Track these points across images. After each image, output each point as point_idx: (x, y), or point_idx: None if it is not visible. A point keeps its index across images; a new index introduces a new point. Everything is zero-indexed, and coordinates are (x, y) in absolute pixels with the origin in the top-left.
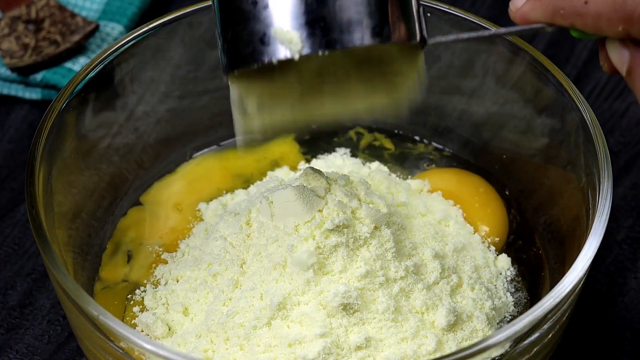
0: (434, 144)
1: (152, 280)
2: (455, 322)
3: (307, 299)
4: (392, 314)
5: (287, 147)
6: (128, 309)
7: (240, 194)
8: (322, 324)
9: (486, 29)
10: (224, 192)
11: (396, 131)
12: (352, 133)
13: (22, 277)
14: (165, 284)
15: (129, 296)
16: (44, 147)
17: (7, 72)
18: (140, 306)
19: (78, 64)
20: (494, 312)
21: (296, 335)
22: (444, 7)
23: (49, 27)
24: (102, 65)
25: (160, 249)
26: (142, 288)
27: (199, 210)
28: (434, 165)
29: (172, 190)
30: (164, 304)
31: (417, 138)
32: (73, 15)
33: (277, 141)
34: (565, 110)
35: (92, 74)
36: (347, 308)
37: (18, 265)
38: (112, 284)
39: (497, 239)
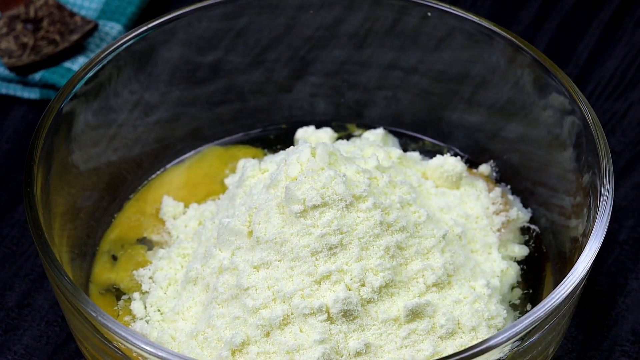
0: (434, 143)
1: (139, 282)
2: (454, 330)
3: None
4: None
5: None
6: (122, 315)
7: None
8: (321, 330)
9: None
10: (215, 195)
11: (396, 130)
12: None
13: (21, 277)
14: (165, 290)
15: (119, 302)
16: (42, 147)
17: (5, 72)
18: (131, 315)
19: (77, 64)
20: (497, 321)
21: (295, 342)
22: (445, 7)
23: (48, 27)
24: (100, 65)
25: (150, 252)
26: (127, 294)
27: (187, 211)
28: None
29: (161, 192)
30: (155, 311)
31: (417, 137)
32: (72, 14)
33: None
34: (566, 110)
35: (90, 74)
36: (347, 314)
37: (16, 266)
38: (102, 287)
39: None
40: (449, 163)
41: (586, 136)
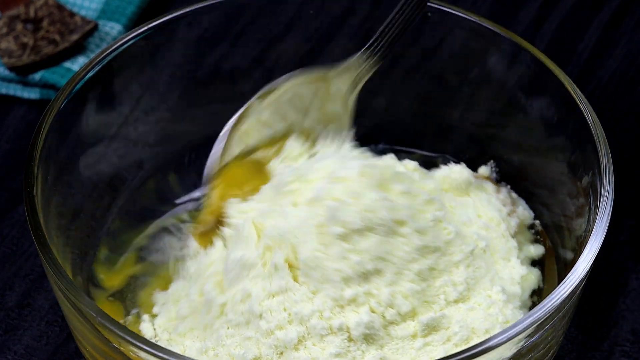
0: (433, 145)
1: (137, 283)
2: (469, 337)
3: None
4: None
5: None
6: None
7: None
8: (339, 345)
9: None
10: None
11: (396, 131)
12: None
13: (21, 277)
14: (173, 303)
15: (128, 317)
16: (42, 147)
17: (5, 72)
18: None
19: (77, 64)
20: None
21: (310, 356)
22: (445, 7)
23: (48, 27)
24: (101, 65)
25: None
26: (127, 294)
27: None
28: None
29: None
30: (164, 331)
31: (416, 138)
32: (72, 14)
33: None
34: (566, 110)
35: (90, 74)
36: (368, 337)
37: (16, 266)
38: (102, 287)
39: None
40: (455, 171)
41: (586, 136)
